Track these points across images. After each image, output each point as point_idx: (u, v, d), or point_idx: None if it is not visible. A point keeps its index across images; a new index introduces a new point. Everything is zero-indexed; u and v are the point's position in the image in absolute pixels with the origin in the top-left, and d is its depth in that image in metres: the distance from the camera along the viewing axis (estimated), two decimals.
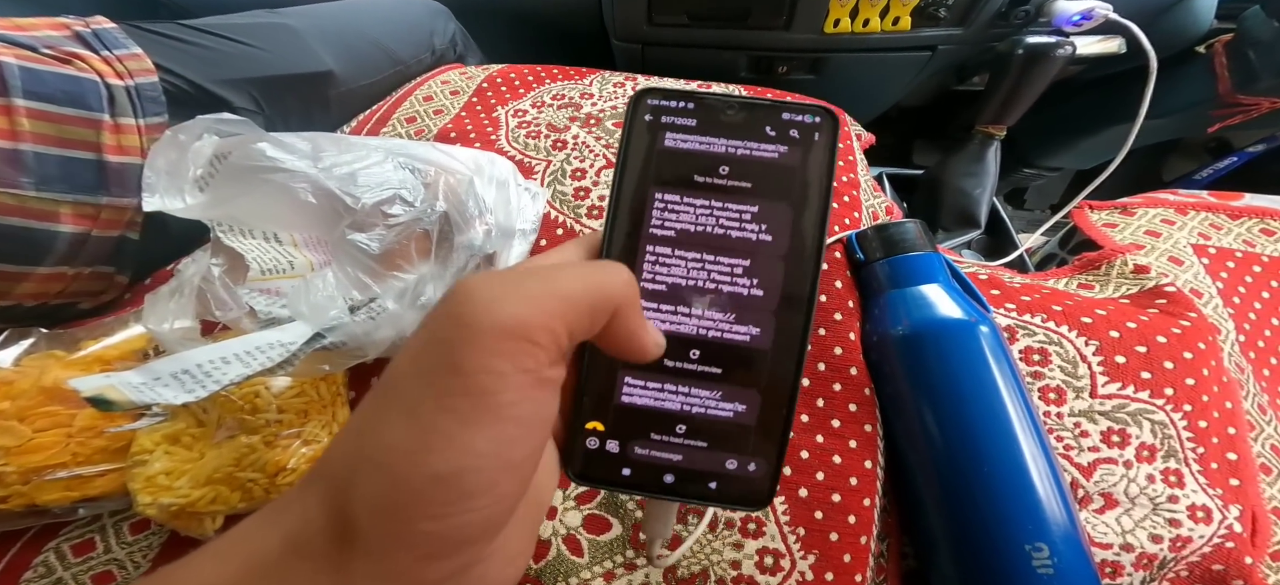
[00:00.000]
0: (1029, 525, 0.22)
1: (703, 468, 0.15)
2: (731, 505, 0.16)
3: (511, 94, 0.46)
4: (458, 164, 0.30)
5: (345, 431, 0.12)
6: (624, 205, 0.16)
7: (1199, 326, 0.30)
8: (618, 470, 0.16)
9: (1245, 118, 0.61)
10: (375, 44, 0.51)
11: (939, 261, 0.31)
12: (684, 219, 0.16)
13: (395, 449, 0.11)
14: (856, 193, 0.38)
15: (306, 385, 0.25)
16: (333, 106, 0.48)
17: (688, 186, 0.16)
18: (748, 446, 0.15)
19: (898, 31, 0.59)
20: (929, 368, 0.27)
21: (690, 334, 0.16)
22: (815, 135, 0.16)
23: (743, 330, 0.16)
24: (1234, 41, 0.58)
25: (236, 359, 0.20)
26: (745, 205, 0.16)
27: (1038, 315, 0.32)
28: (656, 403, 0.16)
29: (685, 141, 0.16)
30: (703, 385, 0.16)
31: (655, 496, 0.16)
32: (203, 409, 0.24)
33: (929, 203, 0.61)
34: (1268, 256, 0.37)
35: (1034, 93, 0.56)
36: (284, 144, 0.24)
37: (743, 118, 0.16)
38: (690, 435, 0.16)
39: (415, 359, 0.12)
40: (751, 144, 0.16)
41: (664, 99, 0.16)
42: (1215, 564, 0.24)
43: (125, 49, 0.35)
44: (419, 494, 0.10)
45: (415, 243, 0.25)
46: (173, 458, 0.23)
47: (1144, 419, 0.28)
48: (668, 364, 0.16)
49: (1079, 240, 0.42)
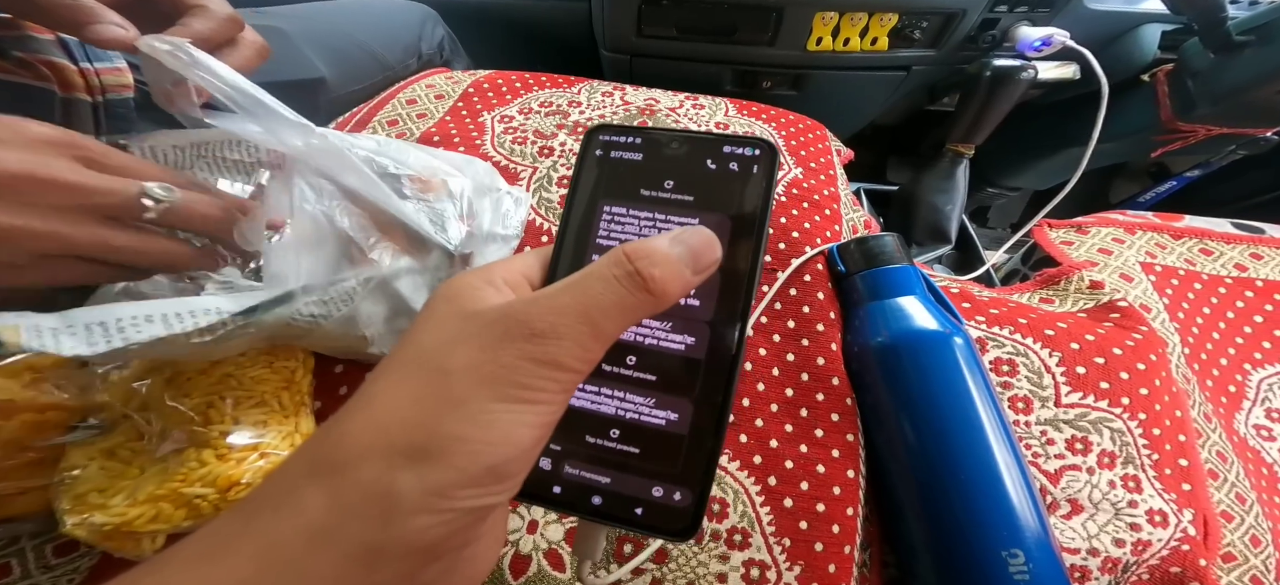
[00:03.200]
0: (1005, 532, 0.23)
1: (630, 492, 0.16)
2: (657, 534, 0.16)
3: (498, 100, 0.45)
4: (436, 163, 0.29)
5: (372, 421, 0.12)
6: (574, 222, 0.17)
7: (1150, 339, 0.32)
8: (549, 486, 0.16)
9: (1185, 144, 0.66)
10: (363, 48, 0.49)
11: (916, 274, 0.32)
12: (629, 230, 0.17)
13: (461, 440, 0.12)
14: (837, 207, 0.39)
15: (268, 394, 0.23)
16: (321, 114, 0.45)
17: (633, 201, 0.17)
18: (676, 468, 0.15)
19: (876, 51, 0.61)
20: (907, 378, 0.28)
21: (628, 341, 0.16)
22: (754, 167, 0.17)
23: (678, 339, 0.16)
24: (1174, 71, 0.63)
25: (160, 318, 0.18)
26: (687, 217, 0.17)
27: (1006, 327, 0.33)
28: (593, 405, 0.16)
29: (633, 170, 0.18)
30: (638, 390, 0.16)
31: (583, 518, 0.16)
32: (146, 420, 0.22)
33: (903, 218, 0.63)
34: (1207, 274, 0.40)
35: (1000, 113, 0.59)
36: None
37: (687, 150, 0.17)
38: (622, 441, 0.16)
39: (478, 369, 0.12)
40: (695, 173, 0.17)
41: (616, 134, 0.18)
42: (1173, 567, 0.25)
43: (108, 62, 0.32)
44: (474, 477, 0.12)
45: (391, 237, 0.24)
46: (108, 473, 0.21)
47: (1104, 427, 0.29)
48: (606, 368, 0.16)
49: (1039, 257, 0.45)
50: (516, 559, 0.26)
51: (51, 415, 0.23)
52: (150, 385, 0.23)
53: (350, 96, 0.47)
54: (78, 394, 0.23)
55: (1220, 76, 0.58)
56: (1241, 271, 0.40)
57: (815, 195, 0.39)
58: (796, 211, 0.37)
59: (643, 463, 0.16)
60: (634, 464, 0.16)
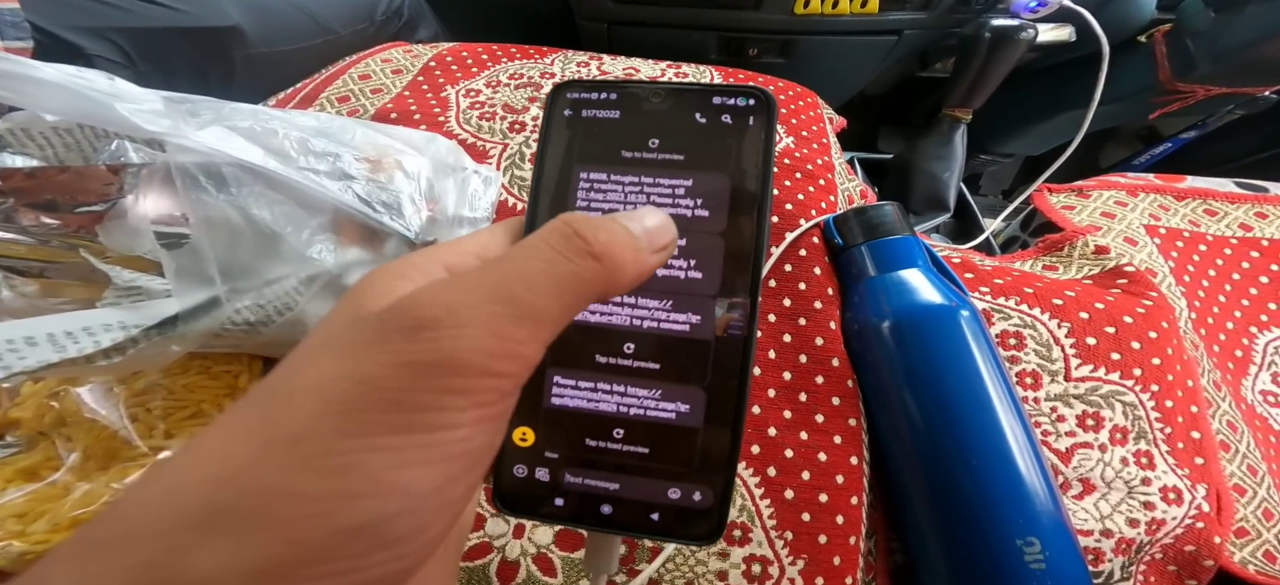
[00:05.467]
0: (1019, 519, 0.22)
1: (644, 497, 0.14)
2: (678, 540, 0.14)
3: (463, 73, 0.42)
4: (386, 141, 0.26)
5: (164, 482, 0.09)
6: (545, 193, 0.15)
7: (1160, 306, 0.31)
8: (549, 500, 0.14)
9: (1183, 105, 0.65)
10: (300, 7, 0.45)
11: (918, 245, 0.30)
12: (612, 198, 0.15)
13: (290, 497, 0.08)
14: (831, 176, 0.37)
15: (205, 403, 0.20)
16: (239, 71, 0.41)
17: (614, 164, 0.15)
18: (693, 466, 0.14)
19: (866, 14, 0.59)
20: (913, 356, 0.26)
21: (623, 325, 0.14)
22: (750, 119, 0.15)
23: (681, 319, 0.14)
24: (1173, 31, 0.61)
25: (48, 340, 0.15)
26: (678, 179, 0.15)
27: (1011, 298, 0.31)
28: (589, 404, 0.14)
29: (611, 129, 0.15)
30: (640, 382, 0.14)
31: (592, 529, 0.14)
32: (67, 437, 0.19)
33: (899, 187, 0.61)
34: (1212, 235, 0.39)
35: (998, 76, 0.57)
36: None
37: (671, 104, 0.15)
38: (628, 442, 0.14)
39: (325, 387, 0.09)
40: (683, 129, 0.15)
41: (586, 90, 0.15)
42: (1187, 545, 0.24)
43: None
44: (322, 551, 0.08)
45: (340, 228, 0.21)
46: (30, 497, 0.19)
47: (1115, 400, 0.28)
48: (600, 360, 0.14)
49: (1040, 223, 0.43)
50: (504, 565, 0.25)
51: None
52: (64, 399, 0.20)
53: (280, 57, 0.43)
54: None
55: (1221, 35, 0.56)
56: (1246, 231, 0.39)
57: (808, 164, 0.36)
58: (789, 182, 0.35)
59: (654, 464, 0.14)
60: (644, 466, 0.14)
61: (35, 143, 0.16)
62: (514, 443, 0.14)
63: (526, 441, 0.14)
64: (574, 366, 0.14)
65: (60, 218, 0.16)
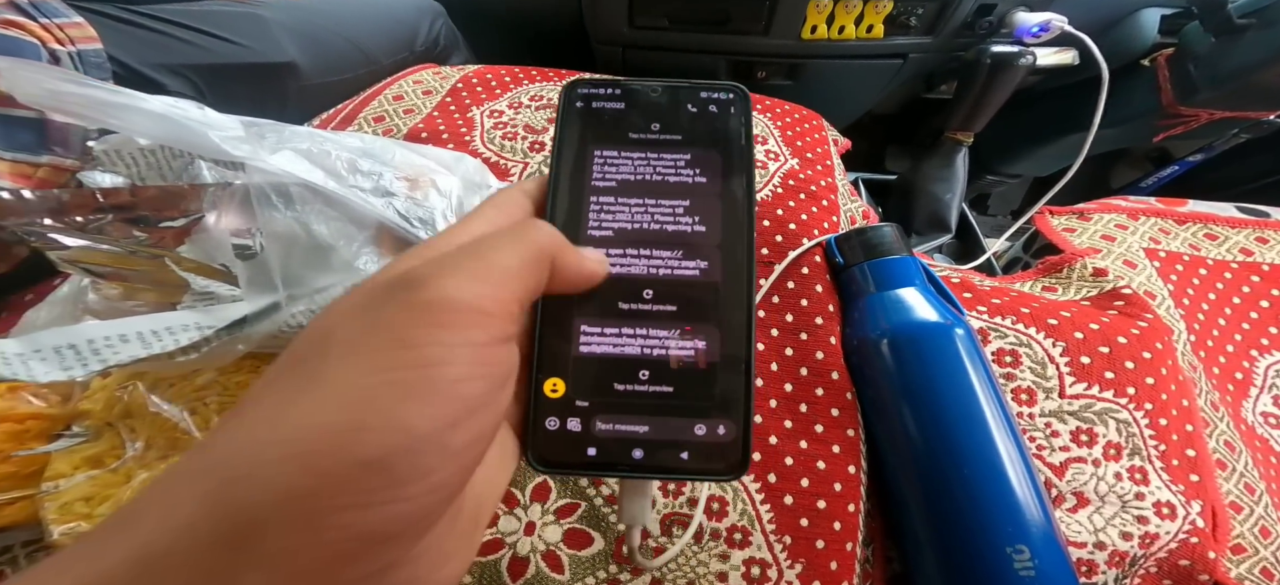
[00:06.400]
0: (1009, 527, 0.23)
1: (672, 437, 0.15)
2: (707, 476, 0.15)
3: (488, 95, 0.45)
4: (423, 161, 0.28)
5: (236, 418, 0.10)
6: (565, 167, 0.17)
7: (1156, 327, 0.32)
8: (582, 450, 0.15)
9: (1186, 128, 0.65)
10: (349, 40, 0.49)
11: (916, 265, 0.31)
12: (623, 170, 0.17)
13: (318, 430, 0.09)
14: (834, 197, 0.38)
15: None
16: (292, 101, 0.45)
17: (624, 144, 0.17)
18: (714, 401, 0.15)
19: (871, 39, 0.60)
20: (909, 371, 0.27)
21: (641, 274, 0.16)
22: (732, 107, 0.18)
23: (691, 264, 0.16)
24: (1175, 55, 0.62)
25: (137, 338, 0.17)
26: (679, 154, 0.17)
27: (1008, 317, 0.33)
28: (616, 348, 0.15)
29: (618, 117, 0.18)
30: (660, 324, 0.16)
31: (625, 475, 0.15)
32: (131, 428, 0.21)
33: (902, 207, 0.62)
34: (1212, 260, 0.40)
35: (998, 100, 0.58)
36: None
37: (666, 97, 0.18)
38: (654, 382, 0.15)
39: (342, 332, 0.10)
40: (678, 115, 0.18)
41: (594, 86, 0.18)
42: (1182, 559, 0.25)
43: (66, 17, 0.33)
44: (343, 482, 0.09)
45: (381, 240, 0.23)
46: (94, 482, 0.21)
47: (1109, 418, 0.29)
48: (623, 307, 0.16)
49: (1041, 244, 0.44)
50: (514, 561, 0.26)
51: (32, 425, 0.22)
52: (132, 393, 0.22)
53: (328, 87, 0.47)
54: (58, 403, 0.23)
55: (1222, 60, 0.57)
56: (1247, 256, 0.40)
57: (812, 186, 0.38)
58: (793, 203, 0.37)
59: (679, 402, 0.15)
60: (671, 405, 0.15)
61: (124, 162, 0.19)
62: (546, 395, 0.15)
63: (557, 392, 0.15)
64: (599, 316, 0.16)
65: (149, 231, 0.19)
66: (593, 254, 0.15)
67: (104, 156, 0.19)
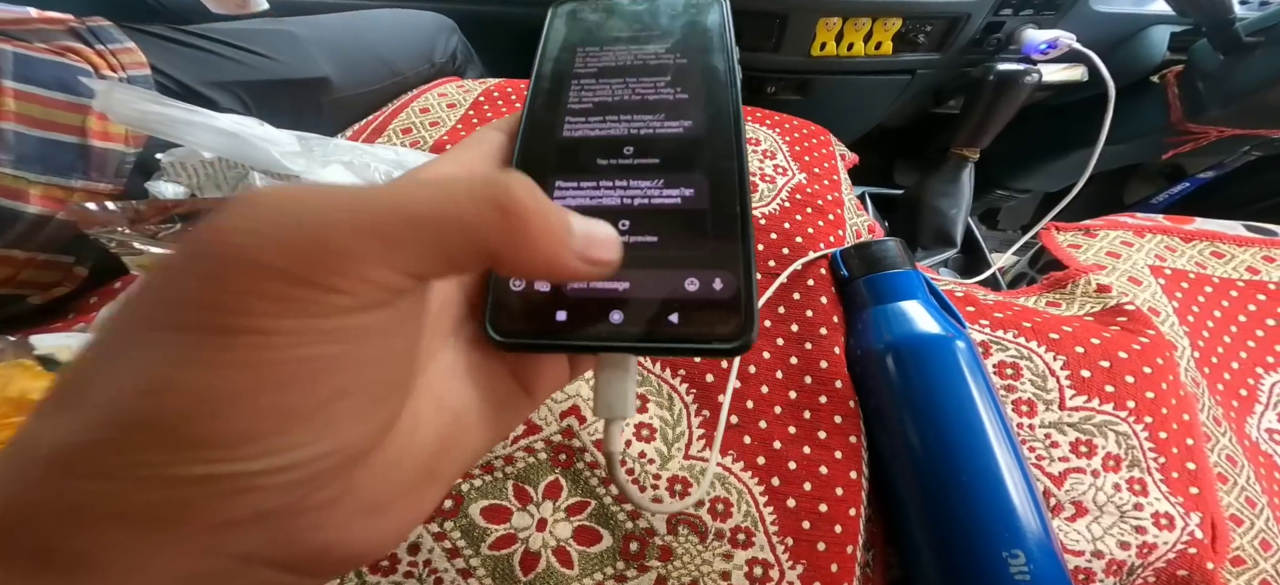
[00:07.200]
0: (1005, 533, 0.23)
1: (659, 293, 0.12)
2: (703, 344, 0.12)
3: (508, 107, 0.47)
4: None
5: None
6: (546, 64, 0.17)
7: (1157, 343, 0.32)
8: (550, 316, 0.12)
9: (1196, 145, 0.66)
10: (375, 55, 0.52)
11: (918, 279, 0.32)
12: (605, 59, 0.17)
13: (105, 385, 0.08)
14: (840, 211, 0.40)
15: None
16: (325, 112, 0.49)
17: (607, 41, 0.17)
18: (706, 249, 0.13)
19: (880, 55, 0.62)
20: (909, 381, 0.28)
21: (621, 134, 0.15)
22: (713, 5, 0.18)
23: (675, 124, 0.15)
24: (1184, 73, 0.62)
25: None
26: (662, 43, 0.17)
27: (1010, 331, 0.33)
28: (593, 201, 0.14)
29: (601, 22, 0.18)
30: (643, 176, 0.14)
31: (603, 347, 0.12)
32: None
33: (908, 222, 0.63)
34: (1218, 278, 0.40)
35: (1005, 117, 0.59)
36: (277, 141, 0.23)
37: (647, 4, 0.18)
38: (635, 232, 0.13)
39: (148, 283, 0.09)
40: (661, 21, 0.18)
41: (578, 3, 0.19)
42: (1180, 570, 0.25)
43: (119, 44, 0.36)
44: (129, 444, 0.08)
45: None
46: None
47: (1109, 430, 0.29)
48: (602, 162, 0.14)
49: (1047, 260, 0.45)
50: (526, 556, 0.27)
51: None
52: None
53: (357, 99, 0.51)
54: None
55: (1230, 78, 0.57)
56: (1254, 275, 0.40)
57: (818, 200, 0.39)
58: (800, 217, 0.38)
59: (665, 251, 0.13)
60: (655, 255, 0.13)
61: (186, 173, 0.21)
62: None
63: None
64: (576, 171, 0.14)
65: None
66: (577, 224, 0.10)
67: (170, 168, 0.21)
